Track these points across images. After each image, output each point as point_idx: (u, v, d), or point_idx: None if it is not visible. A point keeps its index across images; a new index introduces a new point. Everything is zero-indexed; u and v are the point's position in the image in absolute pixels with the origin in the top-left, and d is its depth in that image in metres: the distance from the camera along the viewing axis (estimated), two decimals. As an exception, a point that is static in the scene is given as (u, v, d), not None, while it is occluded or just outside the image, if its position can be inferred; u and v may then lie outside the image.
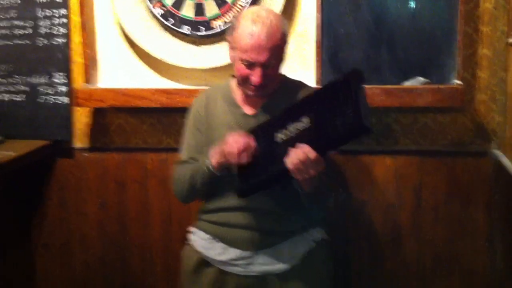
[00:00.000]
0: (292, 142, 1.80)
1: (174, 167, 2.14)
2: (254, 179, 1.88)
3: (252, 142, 1.89)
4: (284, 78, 2.15)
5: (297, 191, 1.92)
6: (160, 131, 2.68)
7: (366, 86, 2.38)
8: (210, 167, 1.95)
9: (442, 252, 2.54)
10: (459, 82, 2.34)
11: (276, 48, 1.90)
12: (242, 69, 1.94)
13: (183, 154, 2.15)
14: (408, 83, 2.37)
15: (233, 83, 2.13)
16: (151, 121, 2.68)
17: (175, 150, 2.62)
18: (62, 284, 2.85)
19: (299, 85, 2.14)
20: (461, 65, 2.35)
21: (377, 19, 2.41)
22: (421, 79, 2.36)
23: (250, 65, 1.91)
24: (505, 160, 2.35)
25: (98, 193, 2.75)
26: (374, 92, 2.34)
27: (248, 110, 2.07)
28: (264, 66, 1.90)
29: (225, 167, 1.95)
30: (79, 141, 2.73)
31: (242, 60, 1.92)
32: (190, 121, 2.17)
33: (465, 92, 2.35)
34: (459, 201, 2.51)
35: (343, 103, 1.75)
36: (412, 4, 2.38)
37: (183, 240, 2.66)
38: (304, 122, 1.82)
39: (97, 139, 2.72)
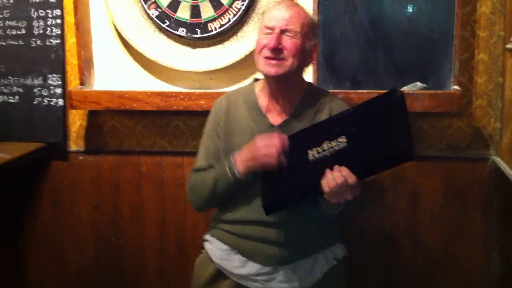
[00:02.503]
0: (326, 161, 1.71)
1: (190, 173, 2.07)
2: (281, 196, 1.79)
3: (286, 141, 1.84)
4: (310, 86, 2.09)
5: (319, 206, 1.85)
6: (153, 133, 2.66)
7: (363, 90, 2.40)
8: (236, 173, 1.88)
9: (438, 256, 2.53)
10: (456, 87, 2.32)
11: (297, 21, 1.90)
12: (261, 40, 1.93)
13: (201, 160, 2.05)
14: (406, 88, 2.36)
15: (257, 87, 2.06)
16: (145, 123, 2.66)
17: (168, 153, 2.64)
18: (55, 286, 2.84)
19: (326, 95, 2.07)
20: (458, 70, 2.34)
21: (374, 22, 2.39)
22: (419, 84, 2.35)
23: (270, 33, 1.90)
24: (502, 165, 2.34)
25: (92, 195, 2.73)
26: (371, 96, 2.30)
27: (274, 120, 1.99)
28: (281, 32, 1.89)
29: (251, 171, 1.88)
30: (74, 143, 2.72)
31: (264, 29, 1.93)
32: (209, 126, 2.09)
33: (462, 98, 2.33)
34: (455, 205, 2.50)
35: (387, 125, 1.68)
36: (409, 7, 2.36)
37: (177, 242, 2.68)
38: (340, 142, 1.73)
39: (91, 141, 2.70)
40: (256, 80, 2.11)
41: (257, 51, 1.94)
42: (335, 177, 1.65)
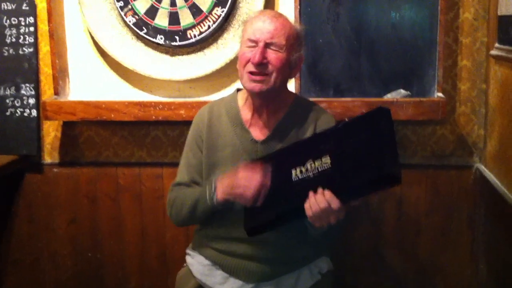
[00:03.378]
0: (310, 183, 1.65)
1: (171, 187, 2.00)
2: (264, 218, 1.72)
3: (268, 182, 1.74)
4: (297, 99, 2.01)
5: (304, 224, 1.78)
6: (131, 143, 2.59)
7: (346, 98, 2.36)
8: (215, 201, 1.81)
9: (425, 265, 2.51)
10: (440, 94, 2.30)
11: (282, 34, 1.82)
12: (245, 53, 1.84)
13: (182, 174, 1.98)
14: (389, 96, 2.33)
15: (240, 99, 1.98)
16: (122, 134, 2.59)
17: (147, 164, 2.58)
18: (32, 302, 2.74)
19: (313, 108, 1.98)
20: (442, 77, 2.31)
21: (357, 29, 2.36)
22: (402, 91, 2.32)
23: (254, 47, 1.82)
24: (486, 172, 2.32)
25: (69, 209, 2.65)
26: (355, 104, 2.29)
27: (257, 135, 1.92)
28: (266, 45, 1.81)
29: (230, 201, 1.81)
30: (48, 155, 2.63)
31: (247, 42, 1.84)
32: (190, 138, 2.01)
33: (446, 105, 2.31)
34: (441, 214, 2.47)
35: (373, 147, 1.61)
36: (392, 14, 2.33)
37: (158, 255, 2.62)
38: (324, 163, 1.66)
39: (67, 153, 2.63)
40: (239, 90, 2.03)
41: (241, 65, 1.86)
42: (319, 202, 1.60)
